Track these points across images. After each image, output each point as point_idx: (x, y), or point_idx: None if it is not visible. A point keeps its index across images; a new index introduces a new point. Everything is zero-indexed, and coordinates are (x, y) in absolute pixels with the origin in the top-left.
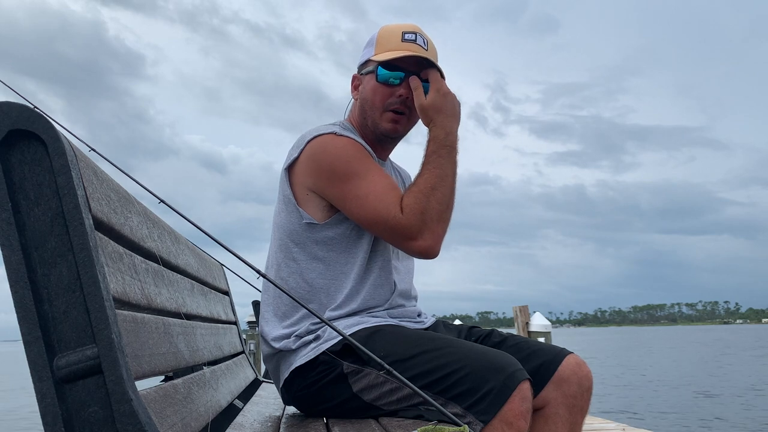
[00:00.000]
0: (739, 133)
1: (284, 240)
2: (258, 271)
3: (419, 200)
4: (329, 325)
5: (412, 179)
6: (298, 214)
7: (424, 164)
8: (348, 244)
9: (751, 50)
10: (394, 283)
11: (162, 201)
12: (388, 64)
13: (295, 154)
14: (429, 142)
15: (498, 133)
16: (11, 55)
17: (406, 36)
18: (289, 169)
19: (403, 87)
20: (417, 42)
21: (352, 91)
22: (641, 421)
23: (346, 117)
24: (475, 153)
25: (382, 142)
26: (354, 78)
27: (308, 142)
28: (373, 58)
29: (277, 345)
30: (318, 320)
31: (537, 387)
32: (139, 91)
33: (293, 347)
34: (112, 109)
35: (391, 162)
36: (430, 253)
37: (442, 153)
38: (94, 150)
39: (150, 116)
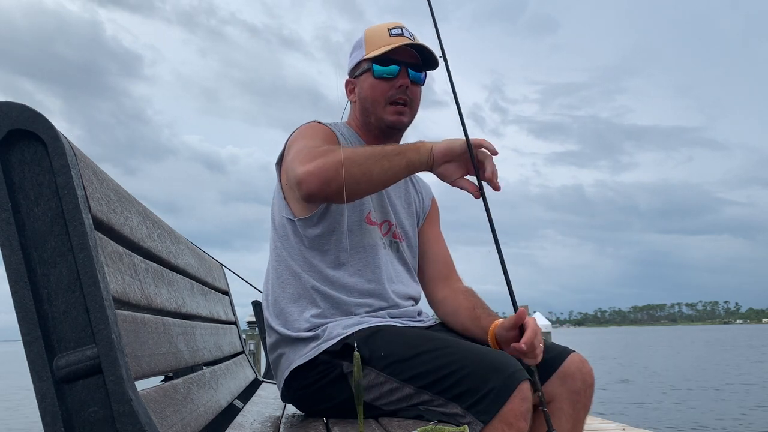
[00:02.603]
0: (738, 133)
1: (277, 237)
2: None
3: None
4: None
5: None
6: (287, 209)
7: (378, 149)
8: (332, 240)
9: (749, 50)
10: (382, 281)
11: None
12: (382, 59)
13: (282, 148)
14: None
15: (496, 134)
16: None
17: (393, 31)
18: (280, 163)
19: (400, 77)
20: (404, 35)
21: (348, 95)
22: (641, 420)
23: (345, 120)
24: None
25: (388, 135)
26: (348, 83)
27: (292, 134)
28: (367, 56)
29: (278, 336)
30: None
31: (541, 381)
32: (137, 92)
33: (294, 338)
34: (111, 110)
35: None
36: (301, 181)
37: (396, 157)
38: None
39: (148, 116)
